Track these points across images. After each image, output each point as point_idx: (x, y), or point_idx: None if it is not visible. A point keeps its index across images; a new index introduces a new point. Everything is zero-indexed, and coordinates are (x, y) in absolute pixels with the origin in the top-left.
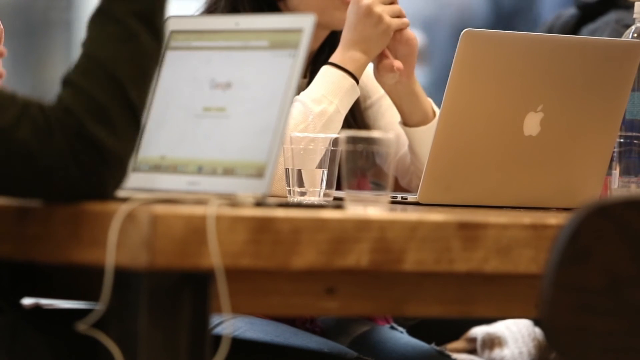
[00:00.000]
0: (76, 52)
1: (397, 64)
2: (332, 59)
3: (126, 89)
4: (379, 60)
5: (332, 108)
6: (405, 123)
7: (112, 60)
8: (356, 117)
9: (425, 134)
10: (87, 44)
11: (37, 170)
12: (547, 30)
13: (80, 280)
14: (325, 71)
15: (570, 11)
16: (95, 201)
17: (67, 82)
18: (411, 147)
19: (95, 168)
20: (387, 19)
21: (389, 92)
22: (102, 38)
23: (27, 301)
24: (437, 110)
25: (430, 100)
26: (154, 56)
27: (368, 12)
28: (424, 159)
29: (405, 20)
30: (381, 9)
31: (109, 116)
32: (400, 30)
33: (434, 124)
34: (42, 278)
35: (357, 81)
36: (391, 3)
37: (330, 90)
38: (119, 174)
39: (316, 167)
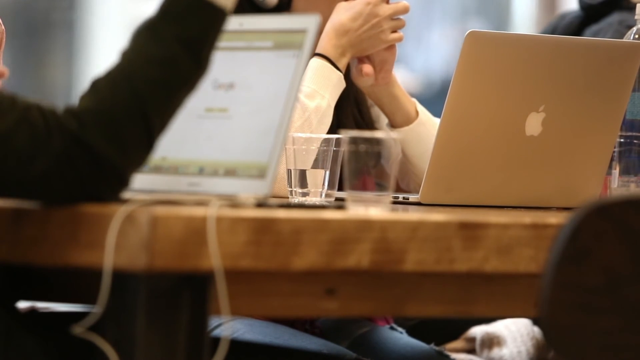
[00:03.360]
0: (78, 52)
1: (367, 69)
2: (321, 48)
3: (148, 111)
4: (357, 61)
5: (325, 103)
6: (390, 124)
7: (143, 81)
8: (363, 113)
9: (409, 135)
10: (126, 56)
11: (33, 175)
12: (551, 30)
13: (78, 282)
14: (314, 64)
15: (574, 12)
16: (94, 203)
17: (93, 84)
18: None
19: (90, 174)
20: (387, 35)
21: (367, 94)
22: (141, 55)
23: (23, 304)
24: (422, 110)
25: (414, 100)
26: (188, 85)
27: (377, 23)
28: (412, 159)
29: (401, 35)
30: (388, 26)
31: (119, 131)
32: None
33: (416, 124)
34: (39, 281)
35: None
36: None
37: (321, 84)
38: (116, 187)
39: (318, 168)
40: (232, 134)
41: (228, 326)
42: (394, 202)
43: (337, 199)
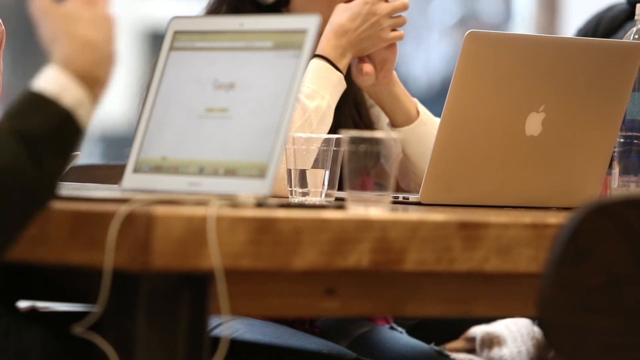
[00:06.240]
0: None
1: (367, 68)
2: (320, 49)
3: None
4: (357, 61)
5: (325, 103)
6: (391, 124)
7: None
8: (362, 114)
9: (409, 135)
10: None
11: None
12: (597, 20)
13: (78, 282)
14: (314, 65)
15: (622, 5)
16: (93, 202)
17: None
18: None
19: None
20: (387, 33)
21: (368, 94)
22: None
23: (23, 304)
24: (423, 110)
25: (415, 100)
26: (27, 186)
27: (376, 21)
28: (413, 158)
29: (401, 33)
30: (388, 24)
31: None
32: None
33: (417, 124)
34: (39, 281)
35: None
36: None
37: (321, 85)
38: None
39: (318, 168)
40: (232, 134)
41: (228, 326)
42: (394, 202)
43: (337, 199)
